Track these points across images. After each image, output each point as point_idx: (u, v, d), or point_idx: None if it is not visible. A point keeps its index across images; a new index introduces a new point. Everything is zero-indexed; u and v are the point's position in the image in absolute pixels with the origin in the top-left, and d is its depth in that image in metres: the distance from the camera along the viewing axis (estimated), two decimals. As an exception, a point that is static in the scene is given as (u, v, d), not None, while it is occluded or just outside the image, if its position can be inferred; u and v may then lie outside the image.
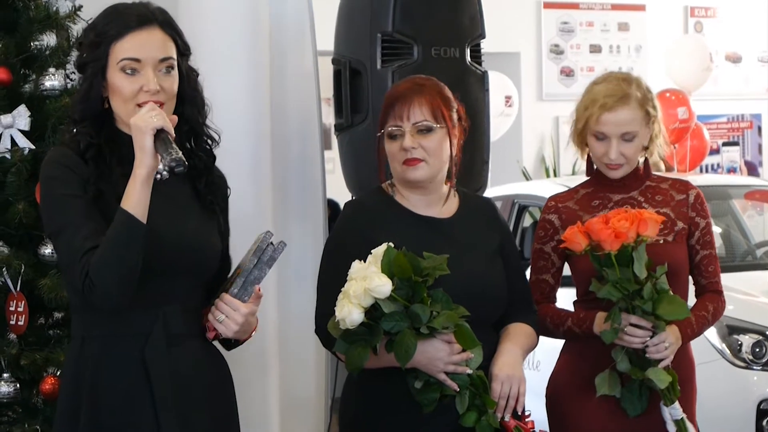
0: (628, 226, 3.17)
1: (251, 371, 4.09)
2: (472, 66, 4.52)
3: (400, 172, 3.16)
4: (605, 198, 3.52)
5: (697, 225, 3.52)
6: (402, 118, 3.12)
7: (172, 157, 2.65)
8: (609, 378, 3.31)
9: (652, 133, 3.51)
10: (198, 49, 3.03)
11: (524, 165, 10.48)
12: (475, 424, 3.01)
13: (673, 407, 3.30)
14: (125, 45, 2.77)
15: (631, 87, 3.48)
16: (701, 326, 3.45)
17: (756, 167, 11.64)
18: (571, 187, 3.64)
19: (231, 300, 2.79)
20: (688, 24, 11.44)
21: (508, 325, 3.22)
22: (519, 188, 7.66)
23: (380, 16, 4.43)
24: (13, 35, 3.89)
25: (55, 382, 3.68)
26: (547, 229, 3.54)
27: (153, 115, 2.68)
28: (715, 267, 3.54)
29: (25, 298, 3.71)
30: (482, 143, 4.52)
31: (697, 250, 3.52)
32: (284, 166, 4.47)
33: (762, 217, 7.99)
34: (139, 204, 2.66)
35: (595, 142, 3.48)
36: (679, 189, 3.55)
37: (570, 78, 10.79)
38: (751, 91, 11.53)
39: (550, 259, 3.52)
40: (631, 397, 3.31)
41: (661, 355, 3.26)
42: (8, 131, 3.78)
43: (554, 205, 3.56)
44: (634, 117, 3.45)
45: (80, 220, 2.68)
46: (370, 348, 2.92)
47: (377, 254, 2.94)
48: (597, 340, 3.30)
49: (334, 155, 4.83)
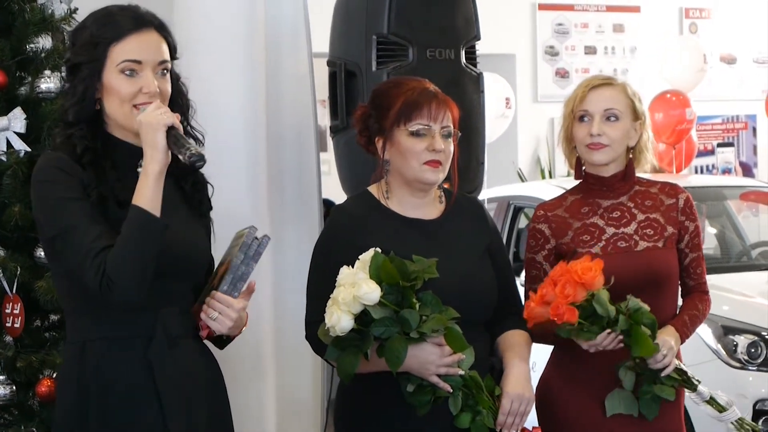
0: (573, 292, 3.13)
1: (247, 373, 4.09)
2: (467, 68, 4.52)
3: (418, 170, 3.15)
4: (594, 204, 3.53)
5: (687, 229, 3.53)
6: (435, 119, 3.13)
7: (191, 152, 2.68)
8: (621, 398, 3.33)
9: (640, 138, 3.53)
10: (194, 50, 3.04)
11: (519, 166, 10.49)
12: (469, 425, 3.02)
13: (697, 392, 3.36)
14: (126, 47, 2.78)
15: (618, 80, 3.58)
16: (694, 324, 3.49)
17: (751, 168, 11.66)
18: (559, 195, 3.64)
19: (223, 297, 2.81)
20: (683, 25, 11.46)
21: (506, 334, 3.23)
22: (514, 190, 7.68)
23: (375, 18, 4.43)
24: (8, 38, 3.89)
25: (51, 385, 3.68)
26: (538, 239, 3.54)
27: (161, 112, 2.71)
28: (702, 268, 3.57)
29: (21, 301, 3.71)
30: (478, 145, 4.52)
31: (686, 253, 3.54)
32: (280, 168, 4.47)
33: (757, 217, 8.00)
34: (153, 200, 2.68)
35: (579, 126, 3.50)
36: (668, 193, 3.56)
37: (565, 79, 10.81)
38: (745, 92, 11.54)
39: (542, 268, 3.51)
40: (648, 402, 3.34)
41: (661, 364, 3.29)
42: (4, 134, 3.78)
43: (543, 214, 3.56)
44: (618, 98, 3.49)
45: (86, 222, 2.70)
46: (361, 354, 2.93)
47: (365, 260, 2.95)
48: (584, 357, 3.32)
49: (330, 157, 4.83)
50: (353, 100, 4.48)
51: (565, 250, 3.48)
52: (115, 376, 2.76)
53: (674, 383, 3.34)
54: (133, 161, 2.81)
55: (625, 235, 3.47)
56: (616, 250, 3.46)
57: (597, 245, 3.46)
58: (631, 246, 3.46)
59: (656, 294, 3.41)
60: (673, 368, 3.31)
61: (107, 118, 2.83)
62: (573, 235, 3.49)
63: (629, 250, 3.45)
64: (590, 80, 3.55)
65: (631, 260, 3.43)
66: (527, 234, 3.61)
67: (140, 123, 2.72)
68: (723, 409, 3.38)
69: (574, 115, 3.51)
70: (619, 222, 3.49)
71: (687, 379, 3.36)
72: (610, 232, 3.48)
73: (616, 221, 3.50)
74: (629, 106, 3.50)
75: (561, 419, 3.45)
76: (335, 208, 3.30)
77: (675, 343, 3.35)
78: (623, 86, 3.54)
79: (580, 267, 3.15)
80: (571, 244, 3.48)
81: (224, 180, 3.02)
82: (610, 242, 3.47)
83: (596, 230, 3.49)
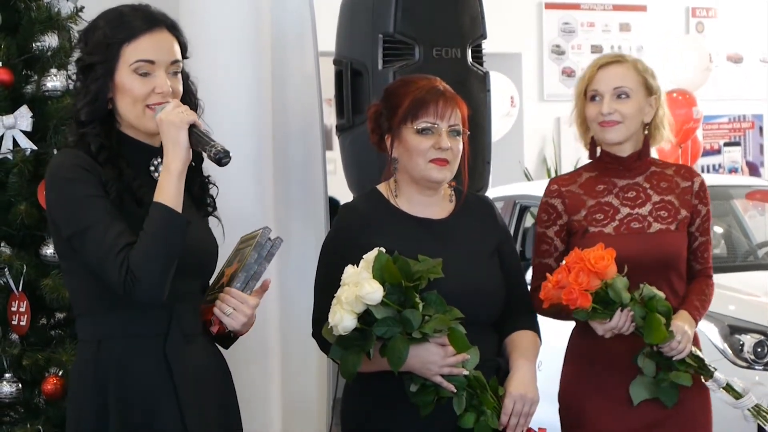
0: (586, 280, 3.14)
1: (253, 371, 4.09)
2: (473, 66, 4.52)
3: (424, 169, 3.14)
4: (610, 183, 3.50)
5: (699, 213, 3.52)
6: (442, 117, 3.12)
7: (217, 149, 2.69)
8: (643, 384, 3.34)
9: (656, 114, 3.50)
10: (200, 50, 3.04)
11: (526, 165, 10.49)
12: (473, 425, 3.02)
13: (713, 379, 3.35)
14: (139, 47, 2.78)
15: (629, 56, 3.55)
16: (704, 309, 3.48)
17: (757, 167, 11.64)
18: (573, 171, 3.62)
19: (237, 293, 2.83)
20: (690, 24, 11.45)
21: (514, 335, 3.22)
22: (520, 189, 7.67)
23: (382, 17, 4.43)
24: (14, 36, 3.89)
25: (57, 383, 3.68)
26: (550, 213, 3.51)
27: (183, 110, 2.73)
28: (709, 253, 3.56)
29: (27, 299, 3.72)
30: (484, 144, 4.52)
31: (696, 236, 3.53)
32: (286, 167, 4.47)
33: (763, 217, 8.00)
34: (176, 198, 2.69)
35: (590, 105, 3.48)
36: (684, 176, 3.54)
37: (571, 78, 10.80)
38: (752, 91, 11.53)
39: (553, 243, 3.50)
40: (667, 389, 3.33)
41: (677, 351, 3.28)
42: (10, 132, 3.78)
43: (557, 188, 3.53)
44: (628, 75, 3.46)
45: (108, 219, 2.70)
46: (363, 354, 2.93)
47: (369, 259, 2.95)
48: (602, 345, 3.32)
49: (336, 156, 4.84)
50: (359, 99, 4.49)
51: (576, 228, 3.46)
52: (134, 374, 2.77)
53: (690, 369, 3.32)
54: (145, 160, 2.82)
55: (639, 216, 3.46)
56: (629, 230, 3.44)
57: (610, 225, 3.44)
58: (644, 227, 3.44)
59: (666, 276, 3.40)
60: (688, 353, 3.30)
61: (119, 117, 2.84)
62: (586, 213, 3.47)
63: (642, 232, 3.44)
64: (599, 59, 3.52)
65: (644, 241, 3.42)
66: (539, 208, 3.57)
67: (161, 121, 2.72)
68: (739, 395, 3.36)
69: (586, 95, 3.49)
70: (634, 202, 3.47)
71: (703, 366, 3.34)
72: (624, 212, 3.46)
73: (631, 201, 3.47)
74: (641, 83, 3.47)
75: (586, 419, 3.43)
76: (344, 206, 3.30)
77: (689, 329, 3.33)
78: (634, 62, 3.50)
79: (593, 256, 3.14)
80: (583, 222, 3.46)
81: (230, 179, 3.02)
82: (623, 222, 3.45)
83: (610, 209, 3.46)
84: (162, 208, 2.68)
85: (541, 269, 3.47)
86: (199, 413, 2.80)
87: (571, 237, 3.48)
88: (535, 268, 3.50)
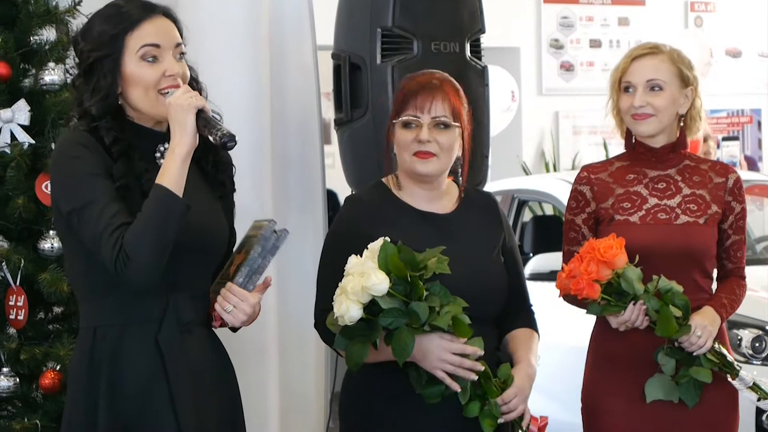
0: (596, 269, 3.13)
1: (251, 365, 4.09)
2: (472, 61, 4.51)
3: (409, 163, 3.15)
4: (641, 173, 3.48)
5: (733, 210, 3.50)
6: (423, 110, 3.12)
7: (223, 133, 2.70)
8: (659, 383, 3.30)
9: (692, 105, 3.47)
10: (198, 43, 3.04)
11: (524, 160, 10.48)
12: (478, 414, 3.02)
13: (739, 378, 3.32)
14: (143, 32, 2.79)
15: (665, 47, 3.50)
16: (733, 308, 3.45)
17: (756, 162, 11.63)
18: (605, 160, 3.60)
19: (239, 290, 2.81)
20: (688, 19, 11.43)
21: (516, 332, 3.22)
22: (519, 183, 7.67)
23: (380, 11, 4.43)
24: (12, 30, 3.89)
25: (54, 377, 3.68)
26: (579, 201, 3.50)
27: (191, 95, 2.73)
28: (743, 252, 3.54)
29: (24, 293, 3.72)
30: (482, 138, 4.52)
31: (729, 234, 3.50)
32: (284, 161, 4.46)
33: (762, 212, 7.98)
34: (178, 181, 2.68)
35: (624, 97, 3.45)
36: (718, 172, 3.51)
37: (570, 73, 10.78)
38: (751, 86, 11.51)
39: (581, 231, 3.48)
40: (688, 388, 3.30)
41: (696, 346, 3.26)
42: (8, 126, 3.78)
43: (587, 176, 3.51)
44: (662, 67, 3.43)
45: (107, 198, 2.70)
46: (369, 343, 2.93)
47: (374, 249, 2.94)
48: (626, 342, 3.31)
49: (334, 150, 4.83)
50: (357, 94, 4.48)
51: (603, 216, 3.45)
52: (126, 361, 2.76)
53: (712, 366, 3.28)
54: (151, 146, 2.83)
55: (667, 207, 3.43)
56: (655, 220, 3.42)
57: (636, 214, 3.43)
58: (671, 219, 3.42)
59: (689, 270, 3.38)
60: (709, 349, 3.27)
61: (128, 110, 2.83)
62: (614, 201, 3.45)
63: (669, 223, 3.42)
64: (634, 49, 3.49)
65: (670, 233, 3.40)
66: (569, 195, 3.56)
67: (170, 105, 2.73)
68: (766, 395, 3.34)
69: (620, 87, 3.47)
70: (663, 194, 3.45)
71: (728, 364, 3.30)
72: (652, 203, 3.44)
73: (660, 192, 3.45)
74: (675, 74, 3.44)
75: (609, 419, 3.41)
76: (349, 198, 3.30)
77: (711, 324, 3.30)
78: (669, 54, 3.46)
79: (603, 245, 3.13)
80: (610, 210, 3.44)
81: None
82: (650, 212, 3.43)
83: (638, 198, 3.45)
84: (161, 190, 2.68)
85: (570, 256, 3.43)
86: (194, 405, 2.78)
87: (599, 225, 3.47)
88: (564, 255, 3.49)
